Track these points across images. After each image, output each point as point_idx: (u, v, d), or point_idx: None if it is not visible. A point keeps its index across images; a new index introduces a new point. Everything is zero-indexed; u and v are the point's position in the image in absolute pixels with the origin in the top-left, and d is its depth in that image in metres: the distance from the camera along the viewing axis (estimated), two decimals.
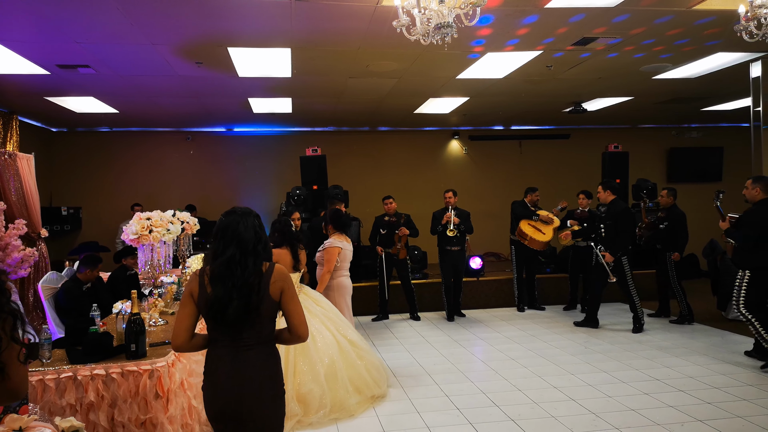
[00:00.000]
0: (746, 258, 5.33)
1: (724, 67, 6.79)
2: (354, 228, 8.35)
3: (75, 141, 10.17)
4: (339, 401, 4.26)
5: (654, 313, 7.67)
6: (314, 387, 4.15)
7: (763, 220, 5.22)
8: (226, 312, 2.26)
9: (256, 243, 2.36)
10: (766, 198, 5.34)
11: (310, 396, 4.13)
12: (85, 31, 4.97)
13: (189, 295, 2.37)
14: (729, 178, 11.60)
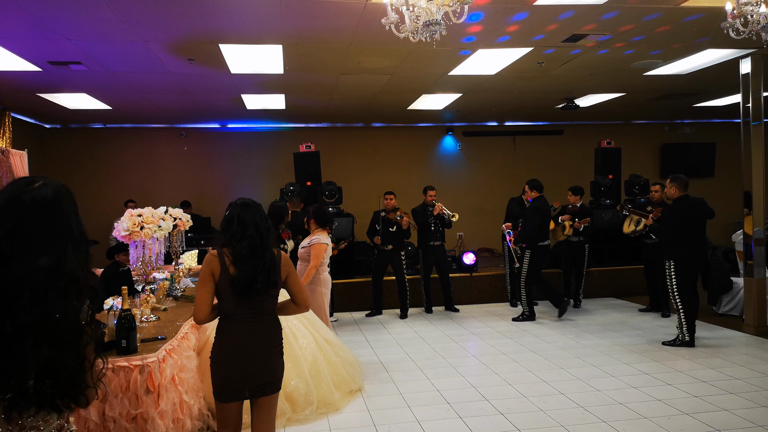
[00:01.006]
0: (671, 249, 5.86)
1: (714, 64, 6.83)
2: (348, 224, 8.38)
3: (68, 137, 10.16)
4: (324, 397, 4.31)
5: (646, 308, 7.72)
6: (300, 384, 4.18)
7: (680, 215, 5.77)
8: (253, 288, 2.64)
9: (269, 230, 2.76)
10: (682, 195, 5.88)
11: (296, 393, 4.15)
12: (75, 28, 4.97)
13: (210, 274, 2.68)
14: (721, 173, 11.67)
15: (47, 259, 1.35)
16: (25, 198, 1.38)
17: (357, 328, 7.25)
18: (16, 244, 1.34)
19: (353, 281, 8.34)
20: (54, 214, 1.40)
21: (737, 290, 7.15)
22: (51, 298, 1.34)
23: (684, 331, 5.89)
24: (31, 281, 1.33)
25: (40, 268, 1.34)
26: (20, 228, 1.35)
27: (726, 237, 10.83)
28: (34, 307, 1.32)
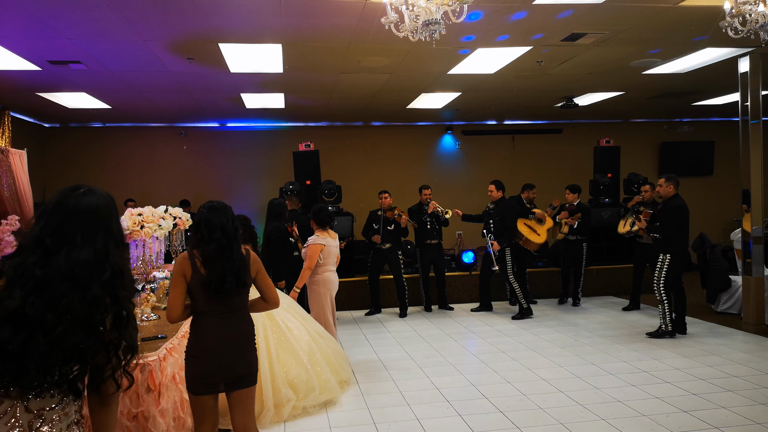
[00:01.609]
0: (667, 245, 6.08)
1: (713, 63, 6.84)
2: (347, 223, 8.39)
3: (68, 136, 10.16)
4: (324, 383, 4.45)
5: (628, 306, 7.75)
6: (300, 372, 4.30)
7: (681, 211, 6.05)
8: (223, 288, 2.75)
9: (236, 231, 2.86)
10: (677, 193, 6.16)
11: (298, 381, 4.28)
12: (75, 27, 4.98)
13: (182, 275, 2.79)
14: (720, 172, 11.69)
15: (88, 254, 1.54)
16: (69, 202, 1.59)
17: (356, 326, 7.27)
18: (59, 240, 1.53)
19: (352, 280, 8.35)
20: (96, 217, 1.60)
21: (736, 288, 7.17)
22: (92, 289, 1.53)
23: (667, 322, 6.16)
24: (73, 273, 1.50)
25: (82, 261, 1.53)
26: (64, 227, 1.55)
27: (725, 235, 10.86)
28: (73, 296, 1.49)
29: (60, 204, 1.59)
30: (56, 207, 1.58)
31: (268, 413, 4.06)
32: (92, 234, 1.58)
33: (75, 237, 1.55)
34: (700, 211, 11.64)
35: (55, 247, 1.53)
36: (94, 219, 1.60)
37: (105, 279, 1.55)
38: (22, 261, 1.52)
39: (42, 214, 1.59)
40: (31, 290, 1.47)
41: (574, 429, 3.90)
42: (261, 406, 4.05)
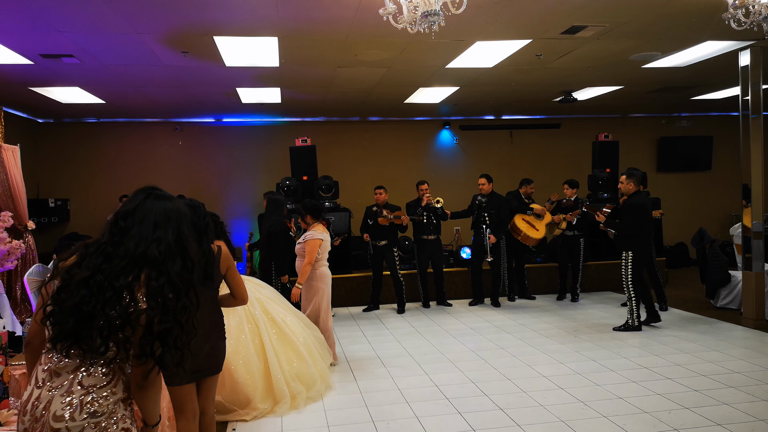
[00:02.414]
0: (628, 242, 6.19)
1: (713, 56, 6.78)
2: (344, 218, 8.33)
3: (62, 132, 10.05)
4: (321, 371, 4.64)
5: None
6: (303, 365, 4.47)
7: (640, 209, 6.15)
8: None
9: (206, 228, 2.96)
10: (638, 190, 6.25)
11: (301, 373, 4.43)
12: (68, 20, 4.89)
13: None
14: (718, 167, 11.66)
15: (159, 241, 1.75)
16: (140, 196, 1.83)
17: (354, 323, 7.21)
18: (132, 222, 1.76)
19: (350, 276, 8.30)
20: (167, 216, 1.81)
21: (735, 284, 7.14)
22: (168, 266, 1.73)
23: (634, 318, 6.30)
24: (146, 253, 1.72)
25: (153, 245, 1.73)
26: (138, 212, 1.78)
27: (723, 230, 10.83)
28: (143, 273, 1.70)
29: (135, 198, 1.84)
30: (132, 199, 1.84)
31: (285, 405, 4.20)
32: (165, 226, 1.79)
33: (147, 223, 1.77)
34: (699, 206, 11.63)
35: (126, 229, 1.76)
36: (164, 218, 1.81)
37: (178, 266, 1.77)
38: (95, 241, 1.80)
39: (122, 206, 1.85)
40: (102, 261, 1.70)
41: (576, 426, 3.85)
42: (277, 398, 4.21)
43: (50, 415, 1.64)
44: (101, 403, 1.68)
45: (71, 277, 1.68)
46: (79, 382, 1.67)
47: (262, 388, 4.19)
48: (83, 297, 1.64)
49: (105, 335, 1.66)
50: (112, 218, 1.79)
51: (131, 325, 1.69)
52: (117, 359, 1.71)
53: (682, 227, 10.97)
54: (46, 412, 1.65)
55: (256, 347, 4.24)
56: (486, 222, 7.66)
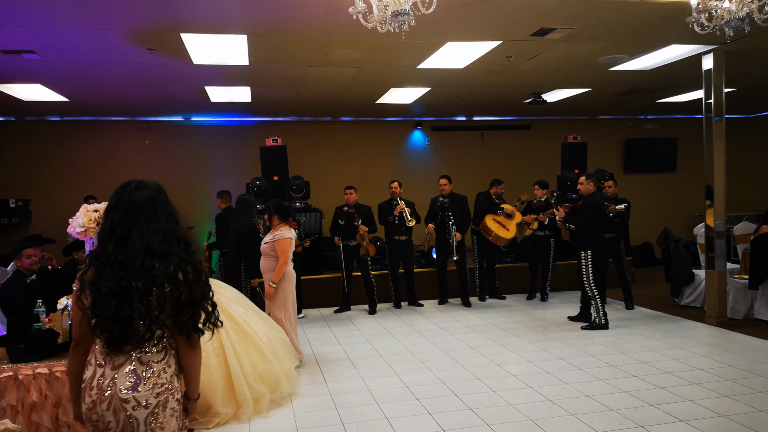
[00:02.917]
0: (586, 240, 6.35)
1: (678, 60, 6.93)
2: (315, 219, 8.26)
3: (23, 130, 9.75)
4: (287, 371, 4.57)
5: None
6: (267, 366, 4.36)
7: (598, 208, 6.39)
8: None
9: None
10: (596, 190, 6.50)
11: (266, 374, 4.33)
12: (28, 14, 4.73)
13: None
14: (683, 168, 11.93)
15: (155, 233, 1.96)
16: (125, 197, 1.99)
17: (325, 324, 7.16)
18: (127, 229, 1.95)
19: (321, 277, 8.24)
20: (152, 204, 2.00)
21: (699, 282, 7.30)
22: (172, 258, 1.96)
23: (600, 315, 6.42)
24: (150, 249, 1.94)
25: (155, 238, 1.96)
26: (129, 218, 1.96)
27: (687, 230, 11.10)
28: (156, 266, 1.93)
29: (119, 201, 1.99)
30: (116, 204, 1.99)
31: (248, 409, 4.06)
32: (153, 218, 1.98)
33: (140, 222, 1.96)
34: (664, 206, 11.89)
35: (126, 234, 1.94)
36: (150, 206, 2.00)
37: (181, 249, 2.00)
38: (102, 250, 1.96)
39: (107, 212, 2.01)
40: (118, 270, 1.90)
41: (544, 425, 3.88)
42: (239, 402, 4.08)
43: (117, 389, 1.91)
44: (161, 375, 1.97)
45: (98, 289, 1.91)
46: (138, 359, 1.95)
47: (222, 392, 4.03)
48: (116, 306, 1.89)
49: (147, 325, 1.93)
50: (108, 228, 1.98)
51: (165, 309, 1.95)
52: (164, 337, 1.99)
53: (648, 227, 11.19)
54: (113, 386, 1.91)
55: (215, 349, 4.07)
56: (451, 220, 7.74)
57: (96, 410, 1.93)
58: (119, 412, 1.91)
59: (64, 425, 3.10)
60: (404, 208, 7.62)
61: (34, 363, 3.11)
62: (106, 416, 1.92)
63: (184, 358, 2.05)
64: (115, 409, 1.91)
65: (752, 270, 6.53)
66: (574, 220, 6.45)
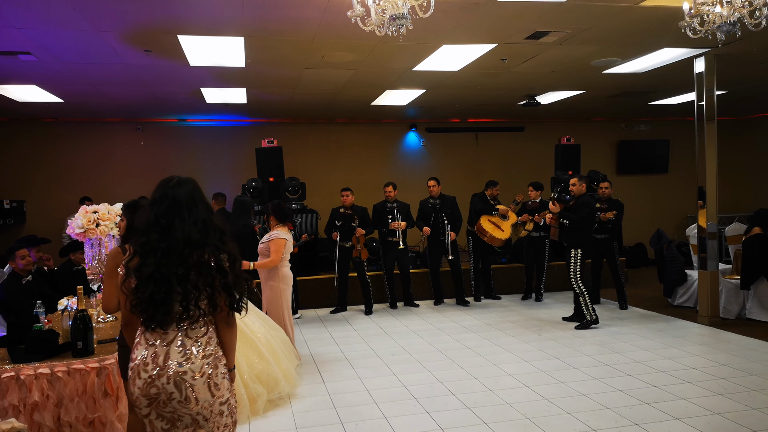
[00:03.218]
0: (576, 238, 6.52)
1: (670, 63, 7.01)
2: (311, 220, 8.29)
3: (18, 131, 9.72)
4: (285, 371, 4.56)
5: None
6: (264, 366, 4.36)
7: (590, 207, 6.60)
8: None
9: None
10: (586, 192, 6.70)
11: (263, 374, 4.32)
12: (24, 15, 4.74)
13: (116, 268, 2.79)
14: (675, 170, 12.05)
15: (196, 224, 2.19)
16: (169, 193, 2.22)
17: (321, 324, 7.18)
18: (171, 220, 2.17)
19: (317, 278, 8.26)
20: (193, 197, 2.24)
21: (691, 282, 7.38)
22: (208, 247, 2.18)
23: (590, 311, 6.54)
24: (190, 239, 2.15)
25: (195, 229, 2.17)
26: (172, 210, 2.19)
27: (680, 231, 11.20)
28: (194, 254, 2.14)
29: (164, 195, 2.22)
30: (161, 198, 2.22)
31: (244, 409, 4.07)
32: (194, 210, 2.21)
33: (182, 214, 2.18)
34: (656, 207, 12.00)
35: (169, 225, 2.16)
36: (191, 199, 2.23)
37: (216, 238, 2.21)
38: (146, 239, 2.17)
39: (152, 205, 2.22)
40: (161, 257, 2.12)
41: (540, 423, 3.93)
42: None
43: (174, 363, 2.12)
44: (206, 347, 2.19)
45: (141, 274, 2.13)
46: (186, 335, 2.17)
47: None
48: (152, 290, 2.11)
49: (185, 306, 2.14)
50: (153, 219, 2.19)
51: (202, 292, 2.15)
52: (204, 315, 2.19)
53: (641, 228, 11.29)
54: (169, 362, 2.12)
55: None
56: (445, 221, 7.81)
57: (156, 384, 2.12)
58: (180, 383, 2.12)
59: (66, 425, 3.11)
60: (399, 226, 7.64)
61: (36, 363, 3.12)
62: (168, 388, 2.12)
63: (222, 333, 2.27)
64: (176, 381, 2.12)
65: (744, 270, 6.62)
66: (570, 216, 6.55)
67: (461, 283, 8.07)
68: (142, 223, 2.24)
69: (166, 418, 2.18)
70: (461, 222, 8.07)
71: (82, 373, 3.15)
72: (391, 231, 7.77)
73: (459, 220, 8.02)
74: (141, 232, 2.21)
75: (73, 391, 3.12)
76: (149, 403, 2.15)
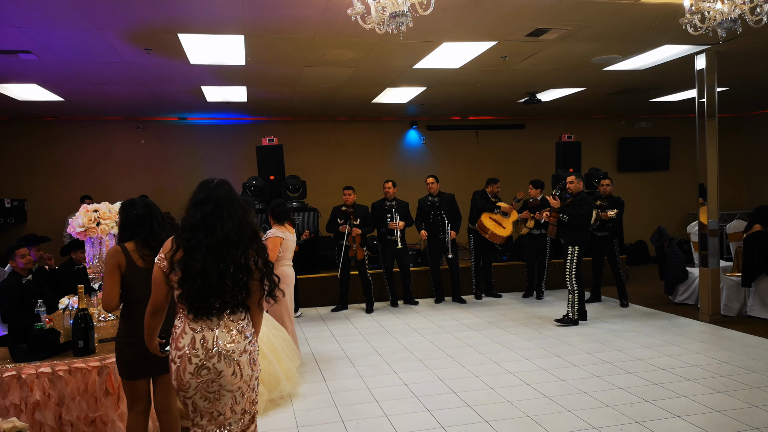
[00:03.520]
0: (574, 235, 6.59)
1: (671, 60, 7.00)
2: (312, 218, 8.29)
3: (18, 130, 9.72)
4: (286, 370, 4.58)
5: (589, 298, 7.90)
6: (266, 365, 4.35)
7: (588, 204, 6.68)
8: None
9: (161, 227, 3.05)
10: (583, 189, 6.86)
11: (264, 373, 4.30)
12: (24, 14, 4.73)
13: (116, 266, 2.94)
14: (676, 167, 12.03)
15: (233, 224, 2.44)
16: (212, 194, 2.47)
17: (322, 323, 7.19)
18: (214, 220, 2.42)
19: (318, 276, 8.26)
20: (230, 199, 2.49)
21: (692, 280, 7.38)
22: (242, 245, 2.44)
23: (574, 311, 6.61)
24: (228, 238, 2.41)
25: (233, 228, 2.43)
26: (215, 211, 2.43)
27: (681, 228, 11.19)
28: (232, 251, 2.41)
29: (208, 197, 2.45)
30: (206, 199, 2.45)
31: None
32: (232, 211, 2.46)
33: (223, 215, 2.43)
34: (657, 204, 11.98)
35: (213, 224, 2.41)
36: (230, 201, 2.47)
37: (248, 237, 2.47)
38: (191, 236, 2.40)
39: (198, 205, 2.45)
40: (206, 253, 2.37)
41: (541, 421, 3.93)
42: None
43: (222, 344, 2.42)
44: (244, 330, 2.49)
45: (189, 268, 2.37)
46: (228, 320, 2.45)
47: None
48: (200, 284, 2.37)
49: (228, 298, 2.42)
50: (200, 218, 2.42)
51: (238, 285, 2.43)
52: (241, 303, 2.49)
53: (642, 225, 11.29)
54: (217, 344, 2.41)
55: None
56: (444, 218, 7.80)
57: (206, 365, 2.41)
58: (229, 360, 2.43)
59: (67, 424, 3.12)
60: (396, 228, 7.63)
61: (37, 362, 3.13)
62: (218, 367, 2.42)
63: (254, 317, 2.58)
64: (226, 359, 2.42)
65: (745, 268, 6.61)
66: (569, 212, 6.58)
67: (458, 281, 8.09)
68: (187, 221, 2.45)
69: (209, 397, 2.45)
70: (461, 220, 8.04)
71: (83, 372, 3.15)
72: (390, 230, 7.77)
73: (458, 217, 8.00)
74: (187, 229, 2.42)
75: (75, 390, 3.12)
76: (197, 385, 2.42)
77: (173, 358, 2.44)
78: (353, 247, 7.57)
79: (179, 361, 2.41)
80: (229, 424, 2.51)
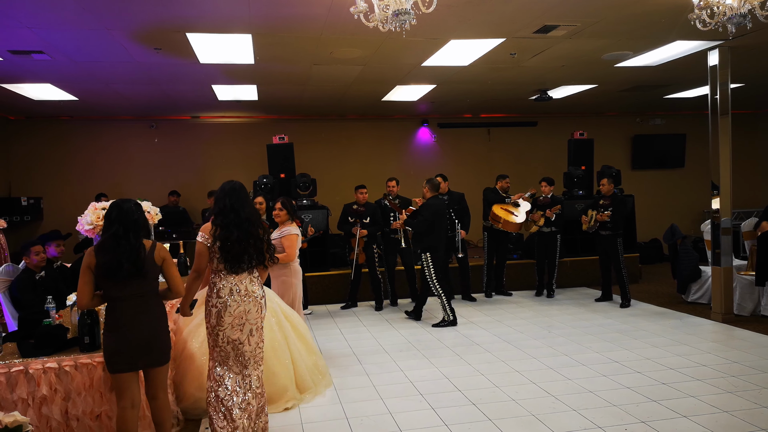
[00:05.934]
0: (423, 241, 6.57)
1: (683, 56, 6.91)
2: (322, 216, 8.31)
3: (34, 129, 9.89)
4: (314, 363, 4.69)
5: (600, 298, 7.83)
6: (313, 359, 4.65)
7: (433, 210, 6.53)
8: (119, 273, 3.02)
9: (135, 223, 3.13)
10: (434, 195, 6.69)
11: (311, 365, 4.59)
12: (35, 15, 4.81)
13: (87, 266, 3.05)
14: (691, 165, 11.87)
15: (252, 209, 3.47)
16: (236, 185, 3.46)
17: (331, 320, 7.22)
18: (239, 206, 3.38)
19: (327, 274, 8.29)
20: (245, 191, 3.46)
21: (705, 279, 7.29)
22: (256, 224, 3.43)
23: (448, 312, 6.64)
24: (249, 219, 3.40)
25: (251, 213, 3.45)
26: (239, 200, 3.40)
27: (695, 227, 11.04)
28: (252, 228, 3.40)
29: (232, 190, 3.41)
30: (231, 191, 3.40)
31: (310, 393, 4.46)
32: (248, 201, 3.45)
33: (243, 204, 3.40)
34: (671, 202, 11.84)
35: (237, 209, 3.36)
36: (245, 194, 3.45)
37: (257, 218, 3.47)
38: (225, 217, 3.34)
39: (226, 196, 3.39)
40: (237, 229, 3.33)
41: (546, 420, 3.91)
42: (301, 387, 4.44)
43: (251, 291, 3.42)
44: (258, 281, 3.50)
45: (227, 238, 3.31)
46: (250, 274, 3.45)
47: (292, 380, 4.34)
48: (237, 249, 3.33)
49: (249, 260, 3.40)
50: (230, 206, 3.36)
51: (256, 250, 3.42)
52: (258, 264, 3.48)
53: (656, 223, 11.16)
54: (248, 290, 3.40)
55: (282, 339, 4.42)
56: (453, 218, 7.72)
57: (242, 308, 3.36)
58: (256, 303, 3.43)
59: (74, 418, 3.17)
60: (400, 226, 7.56)
61: (44, 358, 3.18)
62: (249, 306, 3.39)
63: (262, 274, 3.57)
64: (253, 301, 3.41)
65: (759, 266, 6.51)
66: (411, 222, 6.76)
67: (468, 279, 8.06)
68: (219, 208, 3.36)
69: (237, 327, 3.35)
70: (470, 218, 7.93)
71: (89, 368, 3.21)
72: (393, 229, 7.73)
73: (467, 216, 7.92)
74: (221, 213, 3.34)
75: (80, 385, 3.18)
76: (231, 321, 3.33)
77: (215, 304, 3.34)
78: (356, 250, 7.51)
79: (220, 305, 3.33)
80: (248, 360, 3.41)
